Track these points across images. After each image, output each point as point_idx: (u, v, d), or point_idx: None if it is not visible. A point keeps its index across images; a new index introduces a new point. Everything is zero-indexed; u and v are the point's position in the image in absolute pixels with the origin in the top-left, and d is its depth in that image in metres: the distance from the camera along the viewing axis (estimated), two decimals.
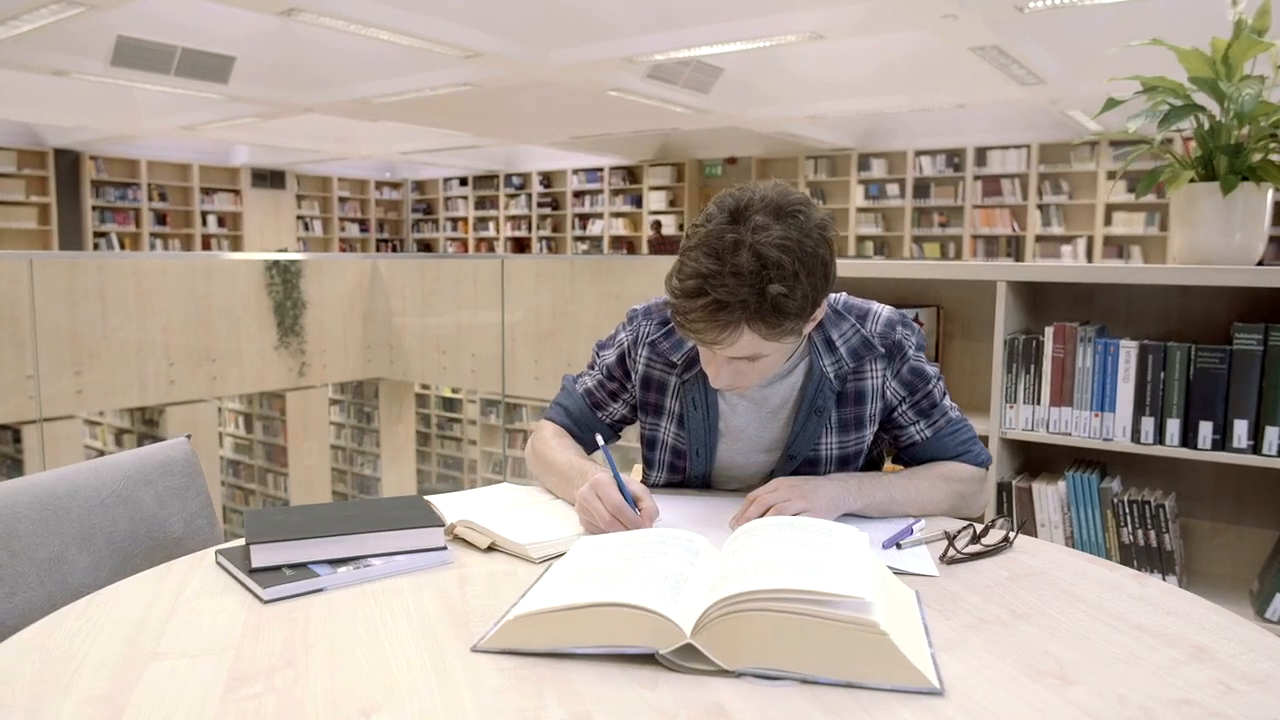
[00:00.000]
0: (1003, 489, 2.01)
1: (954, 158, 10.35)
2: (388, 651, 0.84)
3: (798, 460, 1.32)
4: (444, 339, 8.60)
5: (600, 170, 13.24)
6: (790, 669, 0.78)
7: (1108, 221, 9.43)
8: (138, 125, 9.29)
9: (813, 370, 1.29)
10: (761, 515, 1.12)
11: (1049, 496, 1.96)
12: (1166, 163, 2.07)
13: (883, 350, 1.29)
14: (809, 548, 0.88)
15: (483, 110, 8.90)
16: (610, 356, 1.41)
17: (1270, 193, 1.90)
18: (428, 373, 9.38)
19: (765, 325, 1.09)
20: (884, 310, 1.33)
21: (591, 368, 1.45)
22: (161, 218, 11.97)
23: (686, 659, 0.80)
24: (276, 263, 7.84)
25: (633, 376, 1.38)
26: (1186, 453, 1.80)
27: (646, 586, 0.84)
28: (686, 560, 0.93)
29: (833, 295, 1.32)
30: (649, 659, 0.81)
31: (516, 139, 11.58)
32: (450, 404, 12.50)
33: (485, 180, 14.47)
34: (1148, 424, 1.83)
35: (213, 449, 9.59)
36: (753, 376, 1.20)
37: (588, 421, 1.41)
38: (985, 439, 2.00)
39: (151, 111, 9.05)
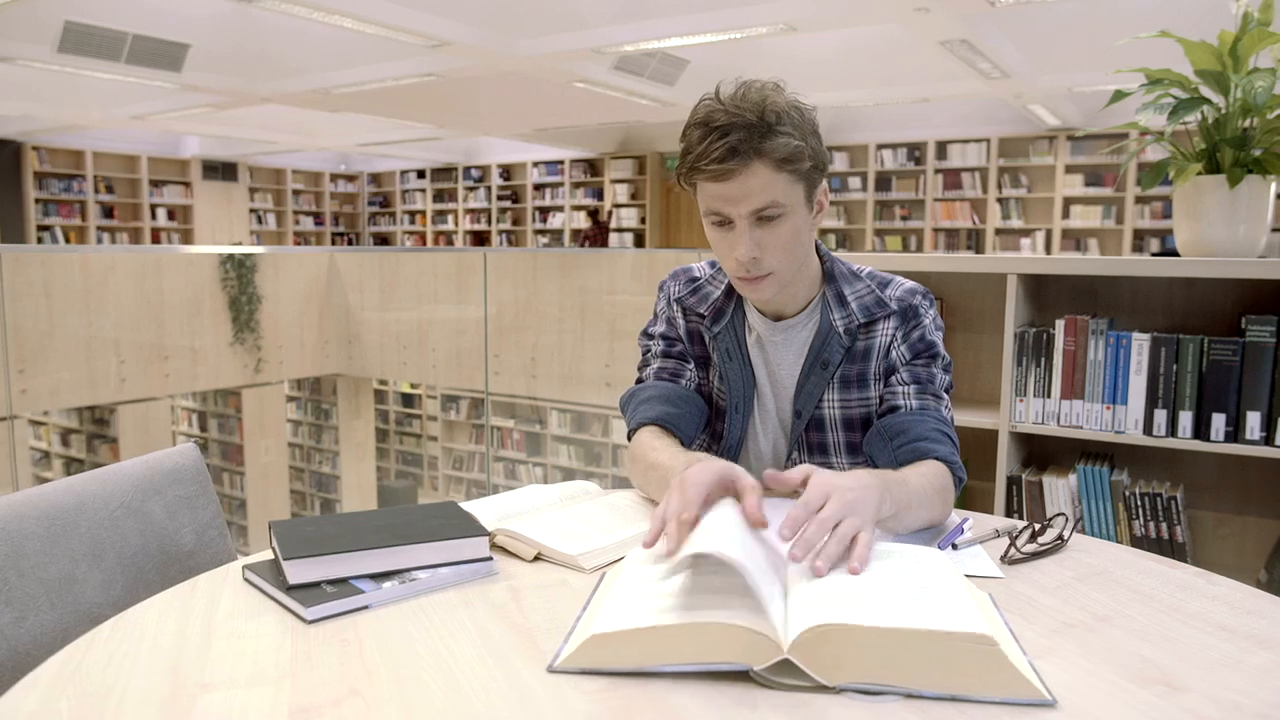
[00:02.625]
0: (1013, 483, 2.00)
1: (915, 151, 10.44)
2: (457, 675, 0.78)
3: (804, 417, 1.30)
4: (404, 334, 8.46)
5: (561, 163, 13.13)
6: (894, 683, 0.74)
7: (1065, 215, 9.59)
8: (85, 115, 8.98)
9: (823, 324, 1.30)
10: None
11: (1059, 490, 1.95)
12: (1145, 155, 2.07)
13: (896, 310, 1.29)
14: (902, 576, 0.84)
15: (446, 102, 8.76)
16: (660, 327, 1.40)
17: (1274, 185, 1.91)
18: (387, 368, 9.22)
19: (768, 145, 1.13)
20: (907, 282, 1.34)
21: (647, 356, 1.40)
22: (108, 211, 11.59)
23: (782, 675, 0.75)
24: (231, 257, 7.63)
25: (681, 334, 1.38)
26: (1199, 445, 1.80)
27: (734, 600, 0.80)
28: (767, 571, 0.88)
29: (855, 264, 1.36)
30: (740, 676, 0.77)
31: (479, 131, 11.43)
32: (409, 400, 12.33)
33: (443, 173, 14.26)
34: (1160, 416, 1.83)
35: (165, 449, 9.31)
36: (774, 253, 1.19)
37: (678, 394, 1.33)
38: (995, 433, 1.99)
39: (100, 101, 8.74)
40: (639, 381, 1.39)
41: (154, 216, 12.00)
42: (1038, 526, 1.11)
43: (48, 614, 0.97)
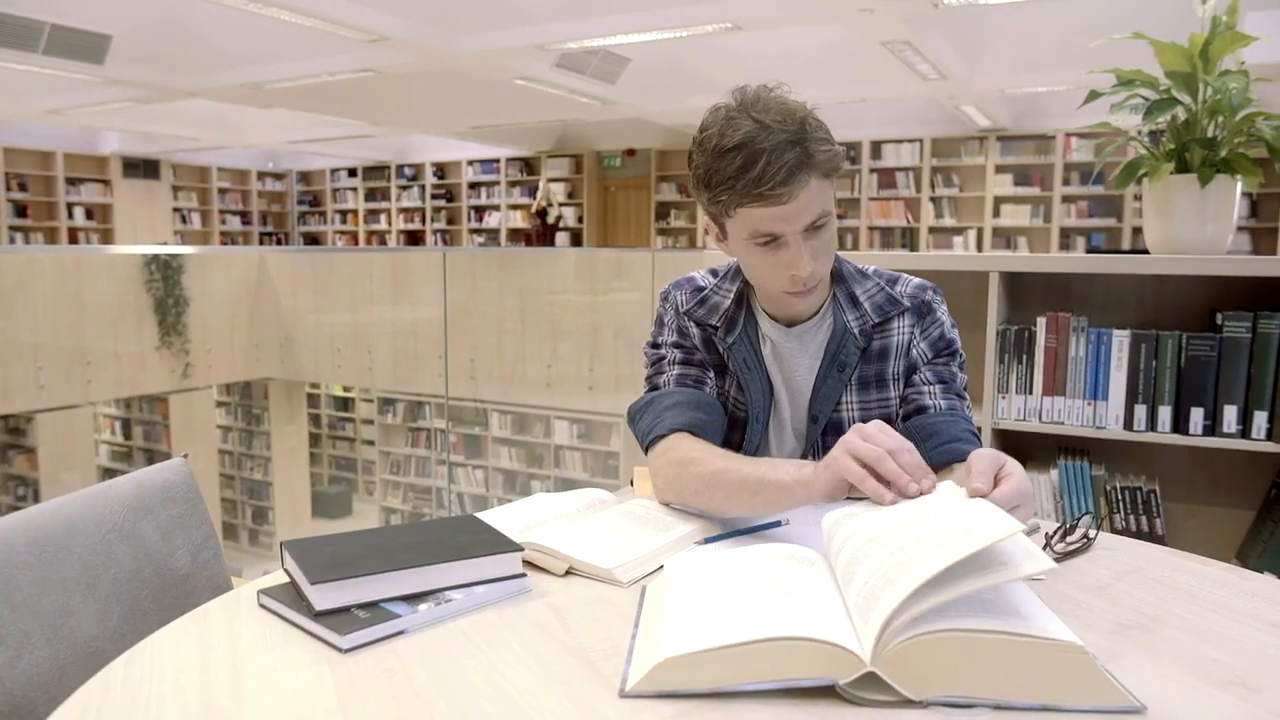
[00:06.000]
0: None
1: (850, 151, 10.58)
2: (523, 704, 0.73)
3: (821, 423, 1.28)
4: (339, 336, 8.26)
5: (496, 161, 12.97)
6: (983, 695, 0.72)
7: (996, 213, 9.84)
8: None
9: (837, 326, 1.27)
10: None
11: (1041, 486, 1.97)
12: (1125, 155, 2.11)
13: (909, 306, 1.28)
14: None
15: (382, 98, 8.56)
16: (671, 335, 1.33)
17: (1239, 185, 1.96)
18: (321, 371, 8.98)
19: (818, 159, 1.11)
20: (915, 278, 1.33)
21: (661, 365, 1.33)
22: (21, 209, 11.03)
23: (865, 689, 0.73)
24: (156, 257, 7.34)
25: (696, 343, 1.32)
26: (1179, 439, 1.84)
27: (808, 613, 0.77)
28: (821, 579, 0.86)
29: (860, 263, 1.36)
30: (822, 693, 0.73)
31: (413, 128, 11.22)
32: (343, 404, 12.03)
33: (375, 171, 13.96)
34: (1140, 411, 1.86)
35: (89, 458, 8.94)
36: (825, 260, 1.19)
37: (705, 401, 1.26)
38: (979, 430, 2.01)
39: (12, 93, 8.30)
40: (653, 389, 1.31)
41: (71, 215, 11.47)
42: (1067, 525, 1.11)
43: (43, 651, 0.89)
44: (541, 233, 11.05)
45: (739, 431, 1.31)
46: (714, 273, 1.36)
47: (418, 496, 10.84)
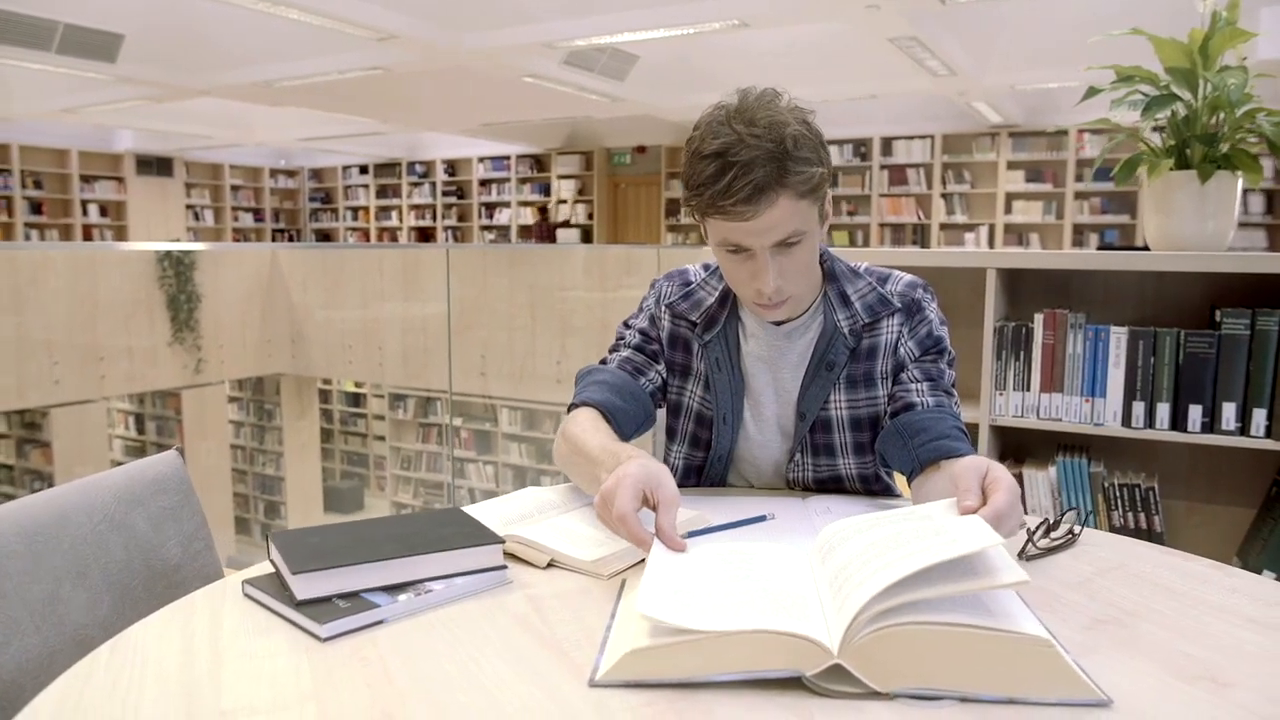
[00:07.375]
0: None
1: (861, 147, 10.57)
2: (496, 694, 0.74)
3: (809, 420, 1.28)
4: (350, 332, 8.29)
5: (507, 158, 13.00)
6: (950, 687, 0.73)
7: (1008, 210, 9.80)
8: (10, 107, 8.60)
9: (826, 325, 1.27)
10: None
11: (1039, 482, 1.97)
12: (1129, 152, 2.10)
13: (900, 306, 1.28)
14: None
15: (392, 96, 8.59)
16: (642, 321, 1.36)
17: (1240, 181, 1.95)
18: (333, 367, 9.02)
19: (792, 179, 1.08)
20: (906, 275, 1.32)
21: (619, 344, 1.36)
22: (37, 207, 11.14)
23: (833, 681, 0.73)
24: (169, 254, 7.40)
25: (662, 336, 1.34)
26: (1177, 436, 1.83)
27: (778, 606, 0.77)
28: (792, 572, 0.86)
29: (853, 261, 1.34)
30: (790, 684, 0.74)
31: (425, 126, 11.25)
32: (354, 399, 12.09)
33: (387, 168, 14.01)
34: (1138, 408, 1.86)
35: (102, 452, 9.02)
36: (794, 278, 1.17)
37: (631, 389, 1.28)
38: (975, 426, 2.01)
39: (27, 92, 8.38)
40: (605, 359, 1.35)
41: (85, 213, 11.57)
42: (1051, 521, 1.11)
43: (32, 638, 0.90)
44: (540, 226, 11.09)
45: (707, 430, 1.31)
46: (706, 267, 1.36)
47: (429, 492, 10.89)
